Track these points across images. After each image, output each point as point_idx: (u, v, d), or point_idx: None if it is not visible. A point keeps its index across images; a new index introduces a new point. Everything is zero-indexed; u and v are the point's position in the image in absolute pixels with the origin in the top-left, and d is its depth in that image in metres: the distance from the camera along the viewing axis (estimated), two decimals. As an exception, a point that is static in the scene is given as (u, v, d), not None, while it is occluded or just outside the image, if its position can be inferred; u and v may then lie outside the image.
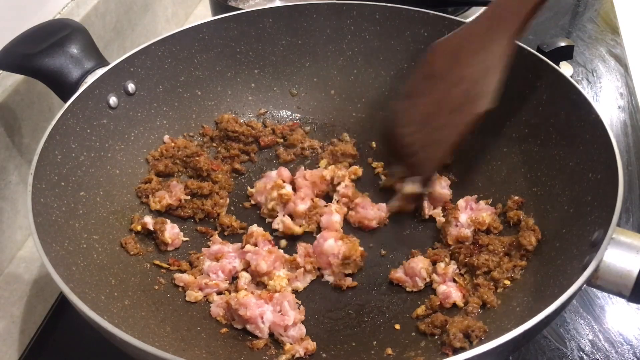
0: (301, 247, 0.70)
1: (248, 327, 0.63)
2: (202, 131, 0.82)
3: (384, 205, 0.75)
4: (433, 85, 0.70)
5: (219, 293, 0.66)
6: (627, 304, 0.71)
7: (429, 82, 0.71)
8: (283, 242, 0.73)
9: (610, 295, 0.71)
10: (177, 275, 0.68)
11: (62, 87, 0.72)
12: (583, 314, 0.70)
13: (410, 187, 0.73)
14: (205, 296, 0.67)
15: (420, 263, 0.67)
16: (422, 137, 0.71)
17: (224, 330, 0.64)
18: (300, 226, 0.73)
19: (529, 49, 0.74)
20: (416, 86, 0.73)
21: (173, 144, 0.78)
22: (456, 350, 0.59)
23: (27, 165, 0.80)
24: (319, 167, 0.80)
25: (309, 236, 0.73)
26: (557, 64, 0.71)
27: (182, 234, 0.73)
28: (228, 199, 0.77)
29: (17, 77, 0.77)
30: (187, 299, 0.66)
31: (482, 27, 0.68)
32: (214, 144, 0.82)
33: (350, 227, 0.75)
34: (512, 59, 0.66)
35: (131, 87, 0.76)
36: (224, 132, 0.81)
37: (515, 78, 0.75)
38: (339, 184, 0.76)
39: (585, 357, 0.66)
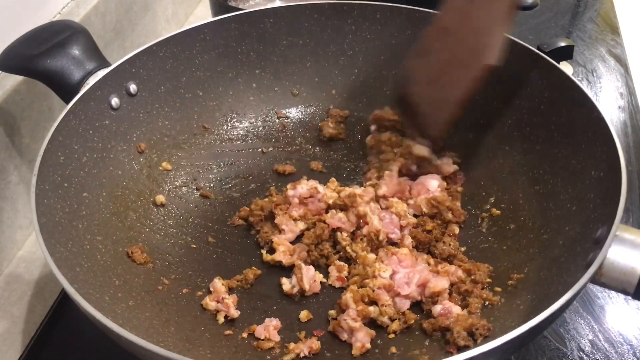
0: None
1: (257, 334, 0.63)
2: None
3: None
4: (443, 41, 0.70)
5: (227, 317, 0.65)
6: (627, 304, 0.71)
7: (440, 38, 0.70)
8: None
9: (611, 295, 0.72)
10: (215, 280, 0.68)
11: (64, 88, 0.72)
12: (583, 314, 0.70)
13: (419, 148, 0.73)
14: (215, 310, 0.66)
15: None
16: (430, 95, 0.70)
17: (228, 331, 0.64)
18: None
19: (529, 46, 0.74)
20: (427, 43, 0.72)
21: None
22: (460, 349, 0.58)
23: (27, 166, 0.80)
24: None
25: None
26: (557, 64, 0.72)
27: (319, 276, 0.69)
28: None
29: (17, 78, 0.77)
30: (202, 302, 0.66)
31: None
32: None
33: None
34: (515, 13, 0.67)
35: (133, 88, 0.76)
36: None
37: (516, 76, 0.75)
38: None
39: (585, 357, 0.66)
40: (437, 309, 0.63)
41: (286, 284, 0.67)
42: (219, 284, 0.67)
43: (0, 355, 0.69)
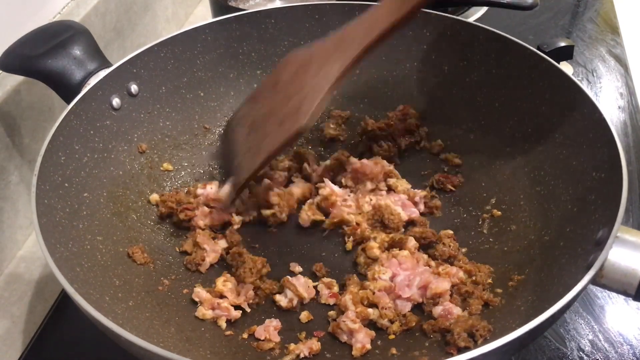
0: None
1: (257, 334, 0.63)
2: None
3: None
4: (273, 94, 0.71)
5: (228, 320, 0.65)
6: (627, 304, 0.71)
7: (272, 90, 0.72)
8: None
9: (611, 295, 0.72)
10: (197, 290, 0.67)
11: (65, 88, 0.72)
12: (583, 314, 0.70)
13: (224, 189, 0.74)
14: (214, 318, 0.65)
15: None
16: (248, 142, 0.72)
17: (228, 332, 0.64)
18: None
19: (530, 47, 0.74)
20: (261, 91, 0.74)
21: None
22: (461, 350, 0.58)
23: (28, 166, 0.80)
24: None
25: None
26: (557, 64, 0.72)
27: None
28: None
29: (17, 78, 0.77)
30: (196, 313, 0.65)
31: (329, 46, 0.68)
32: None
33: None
34: (339, 84, 0.67)
35: (134, 88, 0.76)
36: None
37: (517, 77, 0.75)
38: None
39: (585, 357, 0.66)
40: (437, 310, 0.63)
41: (282, 300, 0.66)
42: (203, 293, 0.66)
43: (0, 355, 0.69)
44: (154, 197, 0.75)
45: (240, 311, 0.65)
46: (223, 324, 0.64)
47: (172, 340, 0.60)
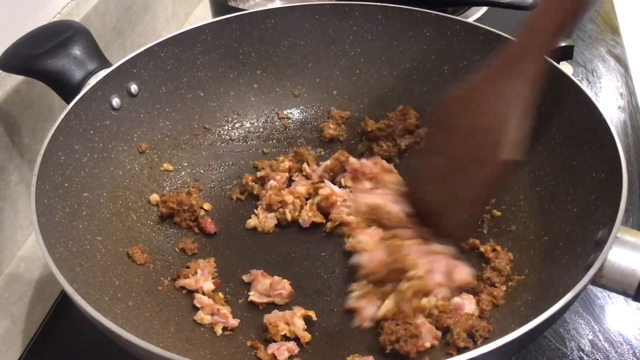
0: None
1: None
2: None
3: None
4: (447, 140, 0.66)
5: (225, 327, 0.64)
6: (627, 304, 0.71)
7: (443, 137, 0.67)
8: None
9: (610, 295, 0.72)
10: (198, 295, 0.66)
11: (65, 88, 0.72)
12: (583, 314, 0.70)
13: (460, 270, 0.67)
14: (212, 324, 0.64)
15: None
16: (442, 196, 0.67)
17: (227, 332, 0.64)
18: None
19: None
20: (431, 143, 0.70)
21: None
22: (460, 350, 0.59)
23: (28, 165, 0.80)
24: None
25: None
26: (557, 64, 0.72)
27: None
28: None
29: (17, 78, 0.77)
30: (195, 317, 0.65)
31: (495, 71, 0.63)
32: None
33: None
34: (536, 100, 0.61)
35: (134, 88, 0.76)
36: None
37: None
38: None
39: (585, 357, 0.66)
40: (454, 299, 0.63)
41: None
42: (204, 299, 0.66)
43: (0, 355, 0.69)
44: (154, 197, 0.75)
45: (238, 320, 0.65)
46: (219, 331, 0.63)
47: (172, 340, 0.60)
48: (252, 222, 0.75)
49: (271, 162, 0.80)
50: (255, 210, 0.76)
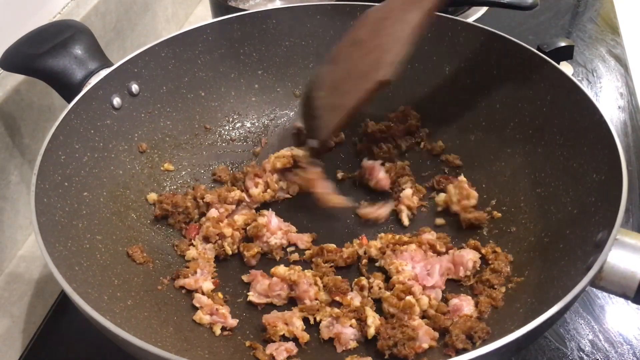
0: None
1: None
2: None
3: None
4: (352, 52, 0.71)
5: (224, 327, 0.64)
6: (627, 304, 0.71)
7: (350, 49, 0.72)
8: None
9: (611, 295, 0.71)
10: (197, 295, 0.66)
11: (66, 87, 0.72)
12: (583, 314, 0.70)
13: (296, 150, 0.76)
14: (210, 324, 0.64)
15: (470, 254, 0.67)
16: (328, 102, 0.72)
17: (226, 332, 0.64)
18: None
19: (531, 49, 0.74)
20: (339, 52, 0.73)
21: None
22: (459, 352, 0.59)
23: (28, 165, 0.80)
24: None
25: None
26: (557, 64, 0.72)
27: None
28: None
29: (17, 77, 0.77)
30: (194, 317, 0.65)
31: None
32: None
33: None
34: (423, 32, 0.67)
35: (135, 88, 0.76)
36: None
37: (518, 79, 0.75)
38: None
39: (585, 357, 0.66)
40: (453, 301, 0.63)
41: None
42: (204, 299, 0.66)
43: (0, 355, 0.69)
44: (152, 196, 0.75)
45: (237, 320, 0.65)
46: (218, 331, 0.64)
47: (170, 340, 0.60)
48: (191, 253, 0.71)
49: (220, 190, 0.76)
50: (193, 240, 0.73)
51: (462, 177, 0.75)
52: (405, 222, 0.74)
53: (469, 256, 0.67)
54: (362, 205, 0.76)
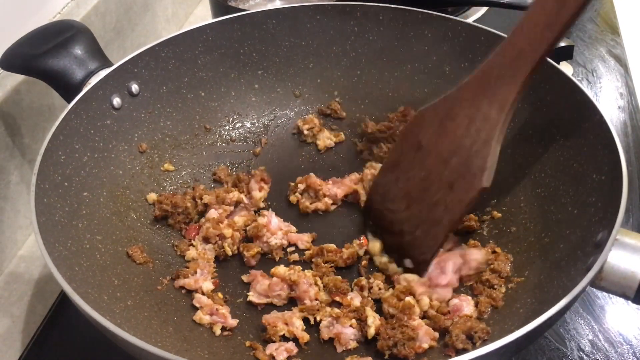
0: None
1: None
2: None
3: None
4: (421, 158, 0.65)
5: (224, 327, 0.64)
6: (627, 304, 0.71)
7: (416, 154, 0.65)
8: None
9: (611, 295, 0.71)
10: (197, 295, 0.66)
11: (66, 87, 0.72)
12: (583, 314, 0.70)
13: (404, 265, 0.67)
14: (210, 324, 0.64)
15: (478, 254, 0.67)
16: (416, 215, 0.65)
17: (226, 332, 0.64)
18: None
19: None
20: (402, 158, 0.68)
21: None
22: (459, 352, 0.59)
23: (28, 165, 0.80)
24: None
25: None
26: (557, 64, 0.71)
27: None
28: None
29: (17, 77, 0.77)
30: (194, 317, 0.65)
31: (473, 91, 0.61)
32: None
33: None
34: (508, 123, 0.61)
35: (135, 88, 0.76)
36: None
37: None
38: None
39: (585, 357, 0.66)
40: (453, 301, 0.63)
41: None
42: (204, 299, 0.66)
43: (0, 355, 0.69)
44: (152, 196, 0.75)
45: (237, 320, 0.65)
46: (218, 331, 0.64)
47: (170, 340, 0.60)
48: (191, 253, 0.71)
49: (219, 191, 0.76)
50: (192, 241, 0.73)
51: None
52: None
53: (476, 255, 0.66)
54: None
